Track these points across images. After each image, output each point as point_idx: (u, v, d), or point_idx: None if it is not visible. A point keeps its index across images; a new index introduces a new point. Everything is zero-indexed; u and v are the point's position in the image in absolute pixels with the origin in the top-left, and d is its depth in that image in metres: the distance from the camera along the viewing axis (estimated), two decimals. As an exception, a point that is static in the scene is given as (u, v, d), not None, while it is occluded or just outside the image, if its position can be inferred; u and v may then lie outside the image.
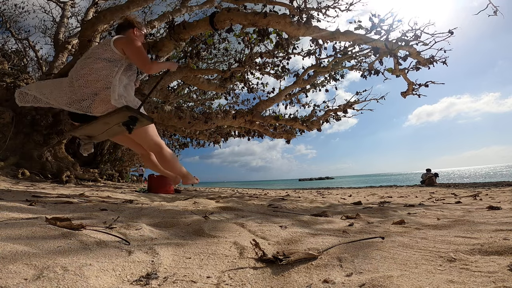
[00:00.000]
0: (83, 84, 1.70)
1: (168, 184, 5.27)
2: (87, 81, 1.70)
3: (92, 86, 1.70)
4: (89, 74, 1.71)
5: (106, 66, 1.74)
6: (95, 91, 1.69)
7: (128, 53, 1.82)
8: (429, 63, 4.82)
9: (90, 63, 1.74)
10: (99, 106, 1.68)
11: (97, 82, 1.70)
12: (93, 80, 1.70)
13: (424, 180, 10.62)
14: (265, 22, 3.69)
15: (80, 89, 1.69)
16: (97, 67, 1.72)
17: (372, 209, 2.62)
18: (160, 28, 8.27)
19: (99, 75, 1.71)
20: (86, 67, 1.74)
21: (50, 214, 1.30)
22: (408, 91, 5.83)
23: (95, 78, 1.70)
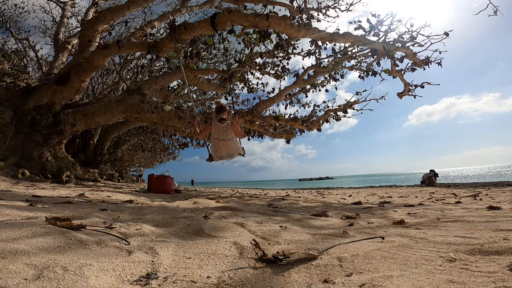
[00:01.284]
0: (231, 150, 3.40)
1: (168, 184, 5.27)
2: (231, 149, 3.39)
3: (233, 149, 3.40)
4: (231, 146, 3.37)
5: (234, 141, 3.38)
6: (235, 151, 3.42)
7: (235, 132, 3.33)
8: (424, 64, 4.84)
9: (230, 141, 3.34)
10: (235, 155, 3.50)
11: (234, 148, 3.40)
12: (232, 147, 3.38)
13: (424, 180, 10.62)
14: (266, 24, 3.69)
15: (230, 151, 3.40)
16: (232, 143, 3.36)
17: (372, 209, 2.62)
18: (160, 28, 8.27)
19: (234, 146, 3.39)
20: (230, 144, 3.36)
21: (50, 214, 1.30)
22: (404, 92, 5.85)
23: (233, 148, 3.39)
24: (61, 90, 5.21)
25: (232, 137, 3.43)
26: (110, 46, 4.64)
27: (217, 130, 3.44)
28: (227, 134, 3.40)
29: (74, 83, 5.19)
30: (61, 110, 5.47)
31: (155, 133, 12.68)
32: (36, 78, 8.76)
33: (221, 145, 3.45)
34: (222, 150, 3.45)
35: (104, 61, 5.03)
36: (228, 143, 3.42)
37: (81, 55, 5.42)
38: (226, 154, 3.51)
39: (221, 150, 3.47)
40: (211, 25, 3.74)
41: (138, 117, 6.09)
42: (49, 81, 5.42)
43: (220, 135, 3.42)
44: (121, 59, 10.40)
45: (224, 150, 3.48)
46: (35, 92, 5.25)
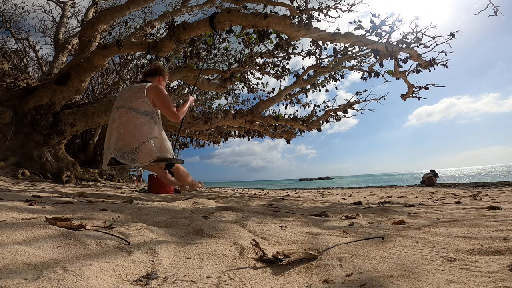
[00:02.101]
0: (131, 140, 1.98)
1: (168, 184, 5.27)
2: (133, 136, 1.98)
3: (138, 141, 1.98)
4: (134, 129, 1.98)
5: (146, 121, 2.02)
6: (140, 146, 1.99)
7: (158, 104, 2.09)
8: (429, 65, 4.82)
9: (132, 117, 2.00)
10: (145, 157, 2.01)
11: (142, 137, 1.99)
12: (138, 136, 1.98)
13: (424, 180, 10.63)
14: (265, 23, 3.69)
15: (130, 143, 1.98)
16: (139, 122, 1.99)
17: (372, 209, 2.62)
18: (160, 28, 8.27)
19: (143, 130, 1.99)
20: (131, 122, 1.99)
21: (50, 214, 1.30)
22: (408, 94, 5.82)
23: (139, 134, 1.98)
24: (61, 90, 5.21)
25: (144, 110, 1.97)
26: (110, 46, 4.64)
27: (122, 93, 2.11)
28: (134, 100, 1.96)
29: (74, 83, 5.19)
30: (61, 110, 5.47)
31: (155, 133, 12.65)
32: (36, 78, 8.76)
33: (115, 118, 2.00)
34: (113, 133, 1.99)
35: (104, 61, 5.03)
36: (128, 115, 1.95)
37: (81, 55, 5.42)
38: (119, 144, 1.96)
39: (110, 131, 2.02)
40: (210, 25, 3.74)
41: (138, 117, 6.08)
42: (49, 81, 5.42)
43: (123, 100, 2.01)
44: (121, 59, 10.40)
45: (116, 135, 1.96)
46: (35, 92, 5.25)
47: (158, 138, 2.11)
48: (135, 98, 2.04)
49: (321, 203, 3.45)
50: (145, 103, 2.04)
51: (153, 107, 2.09)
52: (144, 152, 2.01)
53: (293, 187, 23.24)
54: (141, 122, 2.00)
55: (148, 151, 2.01)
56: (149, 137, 2.02)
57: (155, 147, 2.06)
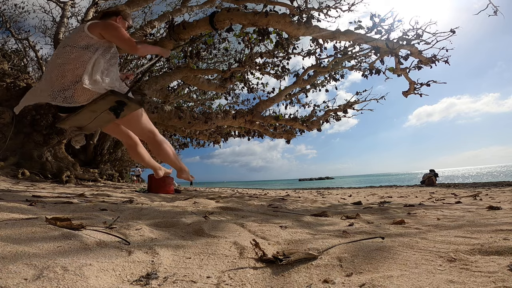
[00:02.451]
0: (60, 74, 1.63)
1: (168, 184, 5.27)
2: (64, 70, 1.63)
3: (71, 74, 1.62)
4: (67, 64, 1.64)
5: (82, 53, 1.66)
6: (75, 80, 1.61)
7: (108, 36, 1.74)
8: (431, 62, 4.81)
9: (66, 52, 1.67)
10: (82, 95, 1.61)
11: (76, 69, 1.62)
12: (71, 69, 1.63)
13: (424, 180, 10.65)
14: (265, 21, 3.68)
15: (59, 79, 1.63)
16: (73, 56, 1.65)
17: (372, 209, 2.62)
18: (160, 28, 8.27)
19: (77, 62, 1.64)
20: (62, 56, 1.67)
21: (50, 214, 1.30)
22: (409, 91, 5.82)
23: (73, 66, 1.63)
24: (61, 90, 5.20)
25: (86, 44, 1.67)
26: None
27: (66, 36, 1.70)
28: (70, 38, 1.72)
29: (74, 83, 5.18)
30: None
31: (155, 133, 12.66)
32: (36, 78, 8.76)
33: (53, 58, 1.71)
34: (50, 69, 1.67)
35: (104, 61, 5.02)
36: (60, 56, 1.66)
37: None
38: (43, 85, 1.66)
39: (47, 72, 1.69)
40: (210, 23, 3.74)
41: (138, 117, 6.08)
42: (49, 81, 5.42)
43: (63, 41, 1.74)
44: (121, 59, 10.40)
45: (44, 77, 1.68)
46: (35, 92, 5.25)
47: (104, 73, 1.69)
48: (74, 34, 1.74)
49: (321, 203, 3.45)
50: (85, 36, 1.70)
51: (99, 39, 1.74)
52: (80, 88, 1.59)
53: (293, 187, 23.25)
54: (78, 55, 1.66)
55: (87, 85, 1.58)
56: (89, 70, 1.63)
57: (97, 79, 1.62)
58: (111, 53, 1.81)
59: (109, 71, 1.75)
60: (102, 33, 1.74)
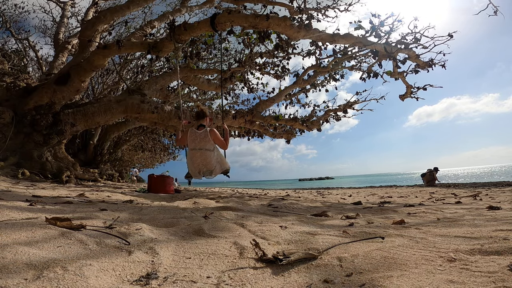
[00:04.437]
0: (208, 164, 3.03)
1: (168, 184, 5.27)
2: (210, 162, 3.03)
3: (212, 164, 3.04)
4: (211, 159, 3.02)
5: (214, 153, 3.05)
6: (214, 167, 3.05)
7: (214, 140, 3.02)
8: (428, 66, 4.82)
9: (209, 153, 3.00)
10: (216, 173, 3.12)
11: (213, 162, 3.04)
12: (211, 162, 3.03)
13: (425, 173, 10.75)
14: (265, 24, 3.69)
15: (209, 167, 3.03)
16: (211, 155, 3.02)
17: (372, 209, 2.62)
18: (160, 28, 8.27)
19: (214, 159, 3.05)
20: (208, 156, 3.00)
21: (50, 214, 1.30)
22: (406, 94, 5.83)
23: (212, 160, 3.03)
24: (61, 90, 5.21)
25: (212, 147, 3.02)
26: (110, 46, 4.64)
27: (193, 138, 2.99)
28: (205, 143, 2.98)
29: (74, 83, 5.19)
30: (61, 110, 5.47)
31: (155, 133, 12.68)
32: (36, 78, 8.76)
33: (198, 156, 3.00)
34: (199, 162, 3.01)
35: (104, 61, 5.03)
36: (205, 154, 2.99)
37: (81, 55, 5.42)
38: (204, 169, 3.02)
39: (197, 163, 3.02)
40: (210, 25, 3.74)
41: (138, 117, 6.10)
42: (49, 81, 5.43)
43: (197, 143, 2.99)
44: (121, 59, 10.40)
45: (201, 163, 3.01)
46: (35, 92, 5.25)
47: (220, 159, 3.18)
48: (206, 142, 3.00)
49: (321, 203, 3.45)
50: (211, 143, 3.01)
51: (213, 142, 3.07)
52: (217, 169, 3.09)
53: (293, 187, 23.24)
54: (212, 154, 3.04)
55: (218, 169, 3.12)
56: (217, 161, 3.10)
57: (220, 164, 3.15)
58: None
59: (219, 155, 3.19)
60: (214, 140, 3.00)
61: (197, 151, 3.03)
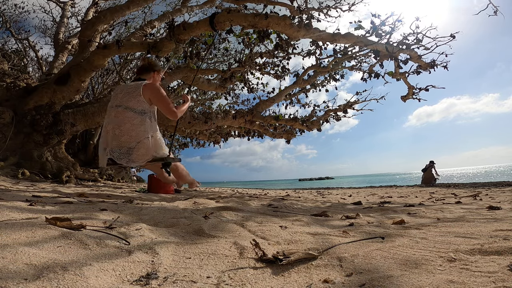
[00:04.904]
0: (126, 139, 1.99)
1: (168, 184, 5.27)
2: (130, 136, 1.99)
3: (134, 141, 2.00)
4: (131, 130, 1.99)
5: (142, 121, 2.03)
6: (136, 146, 2.00)
7: (155, 102, 2.09)
8: (430, 67, 4.81)
9: (130, 117, 2.00)
10: (141, 159, 2.02)
11: (138, 137, 2.00)
12: (134, 136, 1.99)
13: (425, 168, 10.82)
14: (265, 23, 3.69)
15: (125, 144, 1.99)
16: (136, 122, 2.00)
17: (372, 209, 2.62)
18: (160, 28, 8.27)
19: (138, 130, 2.00)
20: (127, 122, 2.00)
21: (50, 214, 1.30)
22: (408, 95, 5.82)
23: (135, 134, 1.99)
24: (61, 90, 5.21)
25: (141, 110, 1.98)
26: (110, 46, 4.64)
27: (117, 92, 2.07)
28: (129, 99, 1.96)
29: (74, 83, 5.19)
30: (61, 110, 5.47)
31: (155, 133, 12.66)
32: (36, 78, 8.76)
33: (111, 118, 2.00)
34: (109, 129, 1.99)
35: (104, 61, 5.03)
36: (124, 115, 1.95)
37: (81, 55, 5.42)
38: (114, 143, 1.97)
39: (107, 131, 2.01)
40: (210, 25, 3.74)
41: (138, 117, 6.08)
42: (49, 81, 5.43)
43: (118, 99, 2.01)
44: (121, 59, 10.40)
45: (112, 131, 1.97)
46: (35, 92, 5.25)
47: (154, 137, 2.11)
48: (132, 97, 2.02)
49: (321, 203, 3.45)
50: (141, 102, 2.02)
51: (149, 105, 2.09)
52: (140, 152, 2.02)
53: (293, 187, 23.24)
54: (138, 122, 2.01)
55: (144, 150, 2.02)
56: (145, 136, 2.02)
57: (151, 146, 2.06)
58: (156, 116, 2.20)
59: (156, 134, 2.14)
60: (151, 98, 2.06)
61: (113, 110, 2.01)
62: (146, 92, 2.04)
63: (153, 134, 2.12)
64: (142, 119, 2.03)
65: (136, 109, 2.01)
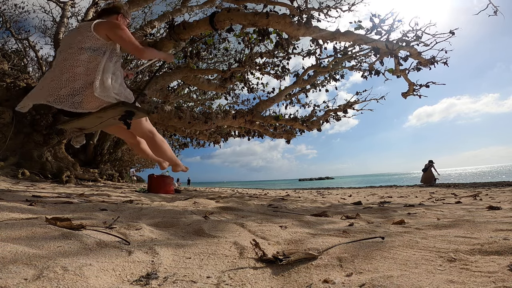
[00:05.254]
0: (71, 77, 1.60)
1: (168, 184, 5.27)
2: (74, 73, 1.60)
3: (81, 79, 1.60)
4: (76, 66, 1.61)
5: (92, 57, 1.65)
6: (85, 86, 1.60)
7: (114, 38, 1.73)
8: (430, 63, 4.82)
9: (74, 53, 1.63)
10: (91, 102, 1.61)
11: (86, 76, 1.61)
12: (82, 73, 1.61)
13: (426, 168, 10.86)
14: (265, 22, 3.69)
15: (69, 83, 1.59)
16: (82, 58, 1.62)
17: (372, 209, 2.62)
18: (160, 28, 8.27)
19: (87, 67, 1.62)
20: (71, 58, 1.62)
21: (50, 214, 1.30)
22: (409, 92, 5.83)
23: (83, 71, 1.61)
24: (61, 90, 5.21)
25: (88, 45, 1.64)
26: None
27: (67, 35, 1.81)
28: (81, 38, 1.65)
29: (74, 83, 5.18)
30: (60, 109, 5.47)
31: (155, 133, 12.67)
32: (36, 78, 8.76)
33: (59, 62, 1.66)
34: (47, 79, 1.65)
35: (104, 61, 5.03)
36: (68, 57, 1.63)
37: (81, 55, 5.41)
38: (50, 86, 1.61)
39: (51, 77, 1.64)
40: (210, 23, 3.74)
41: (138, 117, 6.08)
42: (49, 81, 5.42)
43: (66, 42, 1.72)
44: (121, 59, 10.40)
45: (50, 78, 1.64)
46: (35, 92, 5.25)
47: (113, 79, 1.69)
48: (79, 34, 1.68)
49: (321, 203, 3.45)
50: (91, 37, 1.66)
51: (105, 41, 1.71)
52: (90, 94, 1.59)
53: (293, 187, 23.25)
54: (86, 57, 1.63)
55: (98, 94, 1.59)
56: (98, 75, 1.60)
57: (107, 87, 1.62)
58: (117, 55, 1.81)
59: (116, 76, 1.76)
60: (109, 34, 1.71)
61: (59, 55, 1.70)
62: (100, 27, 1.68)
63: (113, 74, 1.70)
64: (92, 56, 1.65)
65: (83, 46, 1.65)
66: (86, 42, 1.67)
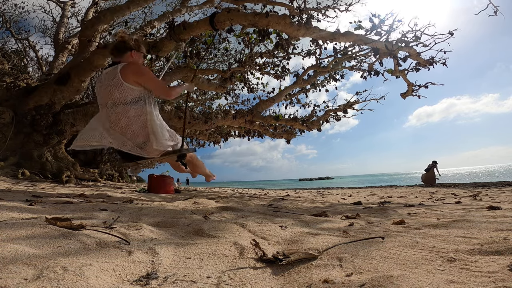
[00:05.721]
0: (132, 136, 1.82)
1: (168, 184, 5.28)
2: (133, 132, 1.81)
3: (141, 135, 1.84)
4: (130, 124, 1.79)
5: (138, 110, 1.78)
6: (145, 139, 1.85)
7: (143, 83, 1.83)
8: (429, 64, 4.82)
9: (123, 112, 1.76)
10: (153, 152, 1.91)
11: (143, 129, 1.83)
12: (139, 129, 1.82)
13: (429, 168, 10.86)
14: (265, 22, 3.69)
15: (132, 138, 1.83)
16: (131, 115, 1.77)
17: (372, 209, 2.62)
18: (160, 28, 8.26)
19: (141, 123, 1.81)
20: (122, 117, 1.76)
21: (50, 214, 1.30)
22: (408, 92, 5.83)
23: (139, 127, 1.81)
24: (61, 90, 5.21)
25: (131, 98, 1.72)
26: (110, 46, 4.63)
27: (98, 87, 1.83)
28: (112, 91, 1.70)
29: (74, 83, 5.19)
30: (61, 110, 5.47)
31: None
32: (36, 78, 8.75)
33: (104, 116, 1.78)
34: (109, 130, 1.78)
35: (104, 61, 5.03)
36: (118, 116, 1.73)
37: (81, 55, 5.42)
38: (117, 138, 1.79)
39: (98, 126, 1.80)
40: (210, 24, 3.74)
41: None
42: (49, 81, 5.42)
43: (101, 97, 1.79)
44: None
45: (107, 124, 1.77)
46: (35, 92, 5.25)
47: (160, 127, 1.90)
48: (114, 88, 1.72)
49: (321, 203, 3.45)
50: (127, 89, 1.72)
51: (139, 88, 1.79)
52: (151, 146, 1.85)
53: (293, 187, 23.25)
54: (134, 113, 1.75)
55: (156, 147, 1.86)
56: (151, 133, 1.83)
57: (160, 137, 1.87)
58: (153, 98, 1.95)
59: (160, 120, 1.95)
60: (137, 80, 1.79)
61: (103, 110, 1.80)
62: (127, 77, 1.72)
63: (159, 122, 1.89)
64: (138, 109, 1.75)
65: (127, 101, 1.73)
66: (127, 97, 1.77)
